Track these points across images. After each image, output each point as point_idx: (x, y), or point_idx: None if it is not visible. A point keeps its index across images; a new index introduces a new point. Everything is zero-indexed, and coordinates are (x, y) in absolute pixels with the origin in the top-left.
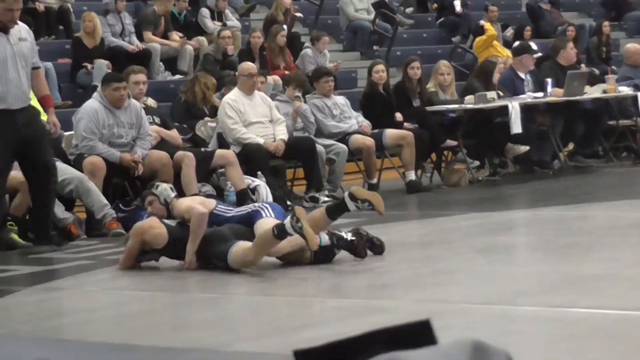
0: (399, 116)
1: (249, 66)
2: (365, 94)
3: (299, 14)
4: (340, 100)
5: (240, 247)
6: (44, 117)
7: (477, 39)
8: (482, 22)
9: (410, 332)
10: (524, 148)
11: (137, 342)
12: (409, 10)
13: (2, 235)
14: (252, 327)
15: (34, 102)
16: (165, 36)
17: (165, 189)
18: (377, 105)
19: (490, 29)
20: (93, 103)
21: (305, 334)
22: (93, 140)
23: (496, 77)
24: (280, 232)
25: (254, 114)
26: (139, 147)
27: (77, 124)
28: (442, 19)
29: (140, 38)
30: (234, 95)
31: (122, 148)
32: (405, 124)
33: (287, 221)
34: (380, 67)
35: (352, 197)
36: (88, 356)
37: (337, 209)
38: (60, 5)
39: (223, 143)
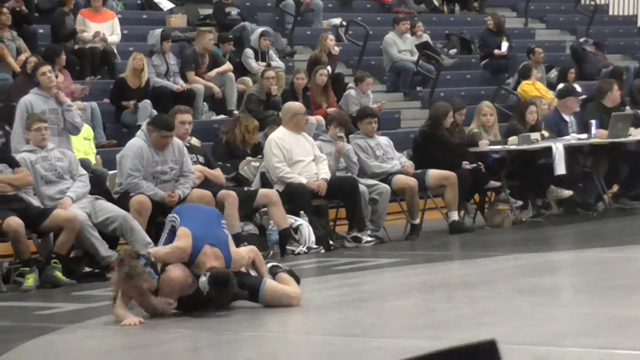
0: (465, 165)
1: (298, 105)
2: (425, 133)
3: (335, 48)
4: (384, 140)
5: (277, 288)
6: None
7: (524, 82)
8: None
9: (477, 351)
10: (568, 192)
11: None
12: (453, 51)
13: (46, 272)
14: None
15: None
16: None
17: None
18: (436, 146)
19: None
20: (138, 141)
21: None
22: (137, 178)
23: (532, 116)
24: None
25: (299, 153)
26: (181, 186)
27: (122, 162)
28: (486, 61)
29: (185, 79)
30: (280, 134)
31: (166, 184)
32: (464, 163)
33: None
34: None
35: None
36: None
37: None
38: (105, 47)
39: (266, 182)
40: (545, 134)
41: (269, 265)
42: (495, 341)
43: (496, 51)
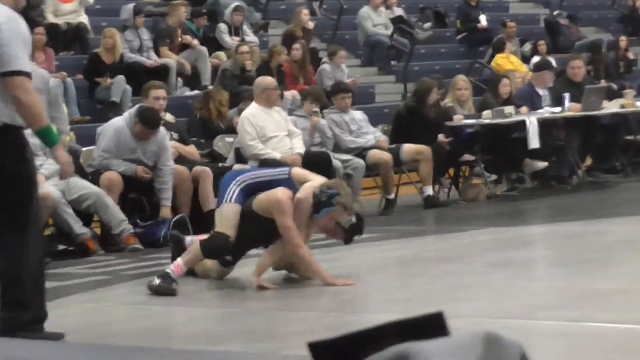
0: (442, 138)
1: (269, 79)
2: (410, 108)
3: (309, 23)
4: (358, 115)
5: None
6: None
7: (498, 56)
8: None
9: (423, 323)
10: (542, 164)
11: None
12: (427, 25)
13: None
14: (269, 340)
15: None
16: (183, 49)
17: None
18: (419, 121)
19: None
20: (120, 122)
21: None
22: (107, 159)
23: (505, 89)
24: None
25: (272, 128)
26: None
27: (99, 140)
28: (464, 34)
29: (158, 54)
30: (253, 110)
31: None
32: (441, 137)
33: None
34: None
35: None
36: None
37: None
38: (78, 22)
39: (241, 158)
40: (524, 109)
41: None
42: (442, 313)
43: (479, 25)
